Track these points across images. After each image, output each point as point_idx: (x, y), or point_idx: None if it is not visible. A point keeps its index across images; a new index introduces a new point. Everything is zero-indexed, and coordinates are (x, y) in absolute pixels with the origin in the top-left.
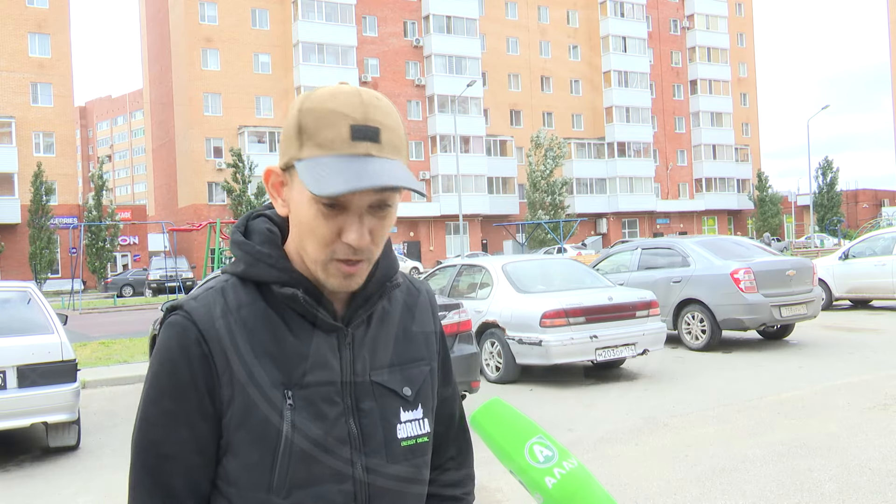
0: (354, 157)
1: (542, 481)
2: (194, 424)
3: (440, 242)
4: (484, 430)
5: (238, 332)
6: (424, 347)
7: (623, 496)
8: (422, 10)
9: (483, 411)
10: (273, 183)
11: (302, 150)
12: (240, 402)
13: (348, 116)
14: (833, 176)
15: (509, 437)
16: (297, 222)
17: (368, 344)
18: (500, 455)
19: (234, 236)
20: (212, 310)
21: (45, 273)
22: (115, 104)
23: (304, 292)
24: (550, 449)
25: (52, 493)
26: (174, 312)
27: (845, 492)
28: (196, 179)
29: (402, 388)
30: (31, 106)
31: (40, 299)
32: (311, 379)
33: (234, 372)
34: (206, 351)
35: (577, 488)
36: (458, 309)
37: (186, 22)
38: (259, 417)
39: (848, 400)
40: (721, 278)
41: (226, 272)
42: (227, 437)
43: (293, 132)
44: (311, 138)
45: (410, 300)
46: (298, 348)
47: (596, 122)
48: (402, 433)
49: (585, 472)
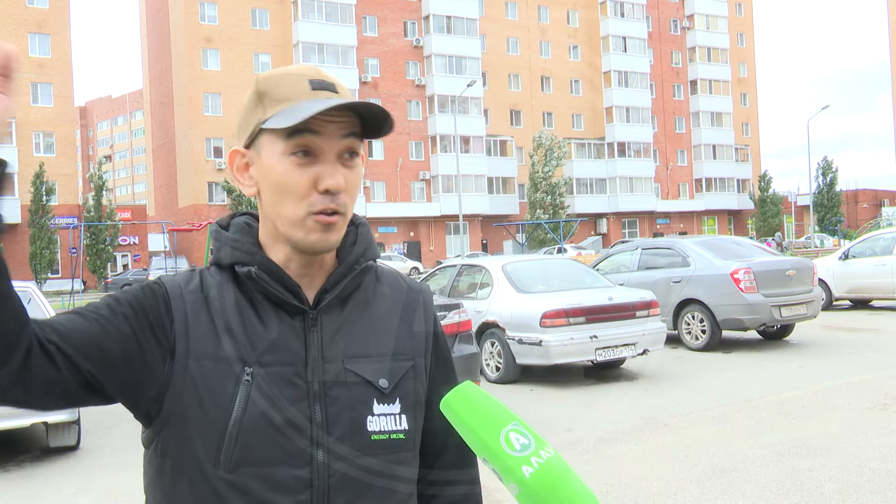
0: (318, 99)
1: (519, 470)
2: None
3: (440, 242)
4: (456, 414)
5: (202, 307)
6: (409, 344)
7: (623, 496)
8: (422, 10)
9: (455, 395)
10: (238, 166)
11: (266, 111)
12: (195, 370)
13: (305, 76)
14: (833, 176)
15: (484, 423)
16: (269, 189)
17: (345, 330)
18: (473, 442)
19: (211, 227)
20: (184, 284)
21: (45, 273)
22: (115, 104)
23: (259, 269)
24: (527, 437)
25: (52, 492)
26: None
27: (845, 492)
28: (196, 179)
29: (379, 380)
30: (31, 106)
31: (40, 299)
32: (270, 358)
33: (191, 340)
34: (168, 306)
35: (555, 478)
36: (458, 309)
37: (186, 22)
38: (213, 387)
39: (848, 400)
40: (721, 278)
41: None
42: (176, 404)
43: (253, 103)
44: (274, 98)
45: (398, 296)
46: (261, 329)
47: (596, 122)
48: (374, 426)
49: (562, 462)
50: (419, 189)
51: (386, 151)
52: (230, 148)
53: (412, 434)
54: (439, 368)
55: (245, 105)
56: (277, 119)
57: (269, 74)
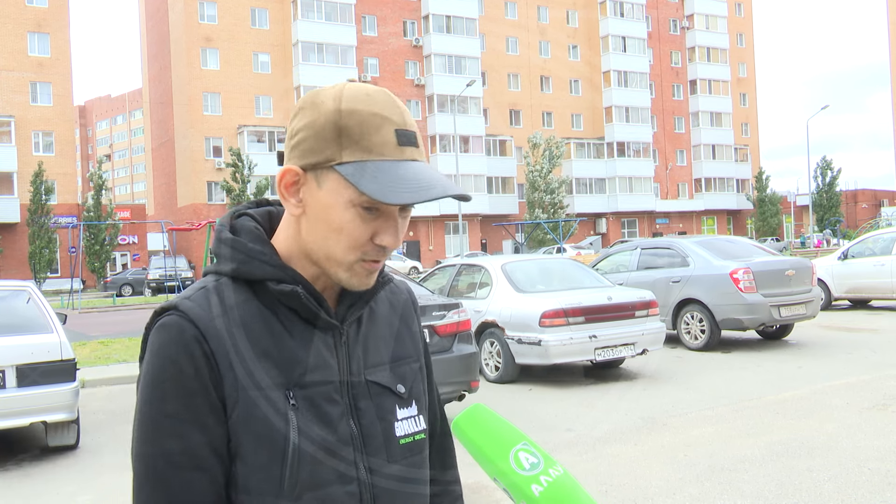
0: (404, 162)
1: (529, 489)
2: (207, 427)
3: (439, 242)
4: (467, 436)
5: (237, 332)
6: (412, 345)
7: (622, 496)
8: (421, 9)
9: (465, 417)
10: (287, 183)
11: (343, 153)
12: (244, 405)
13: (391, 121)
14: (833, 176)
15: (493, 444)
16: (322, 225)
17: (361, 342)
18: (483, 463)
19: (222, 234)
20: (209, 308)
21: (44, 272)
22: (114, 103)
23: (304, 288)
24: (536, 456)
25: (51, 492)
26: (167, 313)
27: (844, 491)
28: (195, 179)
29: (397, 386)
30: (30, 105)
31: (39, 298)
32: (310, 379)
33: (236, 373)
34: (207, 350)
35: (564, 496)
36: (458, 308)
37: (186, 21)
38: (264, 419)
39: (847, 400)
40: (720, 278)
41: (213, 272)
42: (235, 441)
43: (330, 133)
44: (357, 142)
45: (394, 298)
46: (296, 348)
47: (595, 122)
48: (400, 431)
49: (571, 480)
50: None
51: None
52: (231, 148)
53: (427, 432)
54: (427, 367)
55: (314, 123)
56: (364, 180)
57: (354, 109)
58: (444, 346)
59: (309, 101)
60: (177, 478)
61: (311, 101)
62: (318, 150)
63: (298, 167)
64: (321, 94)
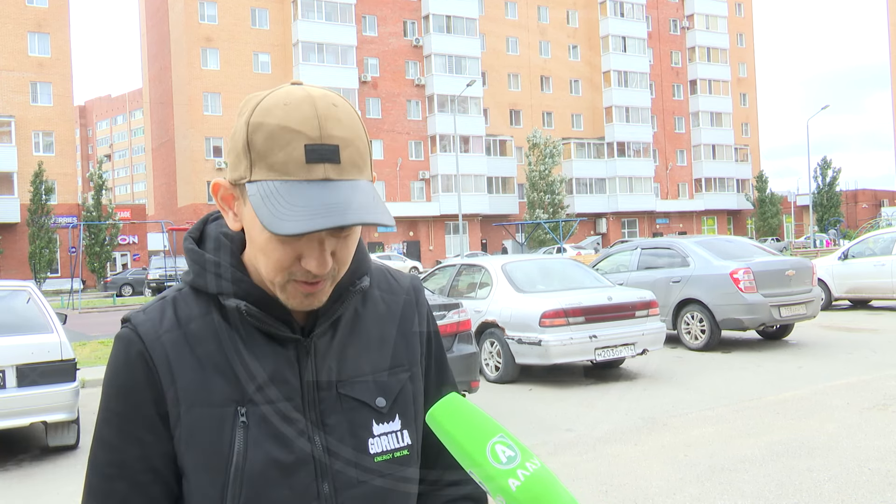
0: (311, 183)
1: (505, 483)
2: (143, 442)
3: (440, 242)
4: (442, 427)
5: (184, 347)
6: (404, 352)
7: (622, 496)
8: (422, 9)
9: (441, 407)
10: (223, 196)
11: (252, 170)
12: (187, 422)
13: (302, 134)
14: (834, 176)
15: (470, 435)
16: (250, 240)
17: (335, 353)
18: (459, 455)
19: (185, 243)
20: (158, 323)
21: (44, 272)
22: (114, 103)
23: (251, 304)
24: (513, 449)
25: (51, 492)
26: (123, 325)
27: (844, 492)
28: (195, 179)
29: (375, 400)
30: (30, 105)
31: (40, 298)
32: (266, 395)
33: (180, 389)
34: (150, 366)
35: (541, 490)
36: (458, 309)
37: (186, 21)
38: (208, 437)
39: (847, 400)
40: (720, 278)
41: (182, 281)
42: (180, 459)
43: (241, 148)
44: (262, 159)
45: (391, 300)
46: (252, 363)
47: (596, 122)
48: (376, 447)
49: (549, 474)
50: (419, 189)
51: (385, 151)
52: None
53: (415, 447)
54: (435, 371)
55: (234, 137)
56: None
57: (263, 121)
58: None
59: (241, 107)
60: (115, 486)
61: (242, 107)
62: (235, 166)
63: (227, 181)
64: (251, 101)
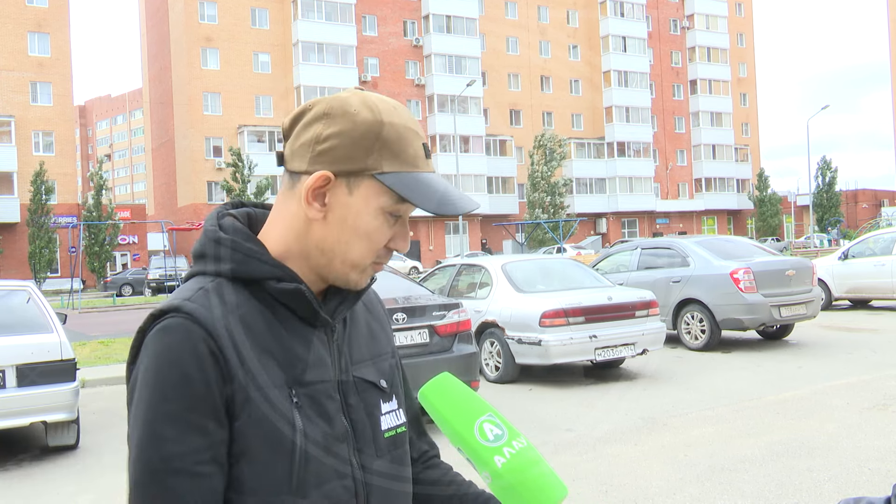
0: (431, 174)
1: (492, 460)
2: (207, 431)
3: (440, 242)
4: (433, 405)
5: (241, 332)
6: (386, 341)
7: (622, 496)
8: (422, 9)
9: (432, 386)
10: (316, 187)
11: (382, 161)
12: (252, 405)
13: (419, 135)
14: (832, 176)
15: (459, 414)
16: (346, 230)
17: (347, 340)
18: (448, 432)
19: (215, 234)
20: (211, 309)
21: (44, 272)
22: (114, 103)
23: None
24: (500, 428)
25: (51, 492)
26: (168, 316)
27: (844, 492)
28: (195, 179)
29: (380, 381)
30: (30, 105)
31: (39, 298)
32: (310, 376)
33: (246, 372)
34: (216, 351)
35: (526, 468)
36: (458, 308)
37: (186, 21)
38: (272, 419)
39: (847, 400)
40: (720, 278)
41: (205, 273)
42: (242, 442)
43: (370, 143)
44: (396, 154)
45: (366, 298)
46: (295, 346)
47: (596, 122)
48: (385, 424)
49: (535, 453)
50: None
51: None
52: (232, 148)
53: (407, 426)
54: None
55: (352, 132)
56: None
57: (393, 122)
58: (444, 346)
59: (338, 109)
60: (176, 483)
61: (341, 108)
62: (355, 159)
63: (329, 172)
64: (351, 103)
